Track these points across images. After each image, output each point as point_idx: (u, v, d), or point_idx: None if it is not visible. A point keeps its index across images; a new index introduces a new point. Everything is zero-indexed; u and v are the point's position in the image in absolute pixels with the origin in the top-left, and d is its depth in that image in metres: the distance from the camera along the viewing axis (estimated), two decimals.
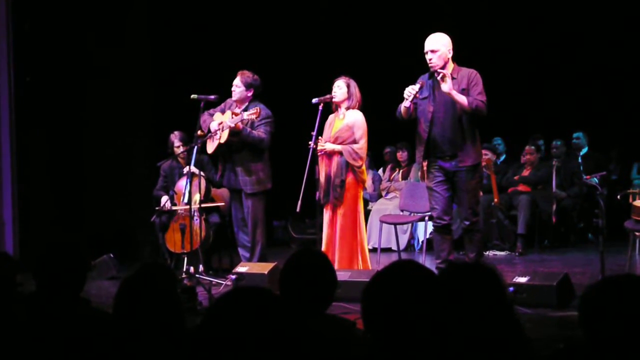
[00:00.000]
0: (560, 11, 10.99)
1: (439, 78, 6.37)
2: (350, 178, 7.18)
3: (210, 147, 7.66)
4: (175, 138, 8.50)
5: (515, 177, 10.18)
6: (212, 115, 7.67)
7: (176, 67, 10.14)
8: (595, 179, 10.27)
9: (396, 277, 2.27)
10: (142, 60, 9.85)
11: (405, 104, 6.48)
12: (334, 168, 7.16)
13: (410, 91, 6.43)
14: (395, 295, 2.22)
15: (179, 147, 8.43)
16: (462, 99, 6.36)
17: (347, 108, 7.23)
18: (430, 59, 6.49)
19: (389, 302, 2.21)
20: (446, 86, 6.33)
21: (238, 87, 7.60)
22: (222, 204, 8.40)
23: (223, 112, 7.64)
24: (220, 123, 7.47)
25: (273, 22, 11.14)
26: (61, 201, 9.33)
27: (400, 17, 11.13)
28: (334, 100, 7.22)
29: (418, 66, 6.71)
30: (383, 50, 11.20)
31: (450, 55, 6.54)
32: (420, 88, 6.50)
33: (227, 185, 7.80)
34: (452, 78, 6.46)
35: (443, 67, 6.50)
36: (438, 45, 6.50)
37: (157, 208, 8.19)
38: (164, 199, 8.27)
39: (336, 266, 7.02)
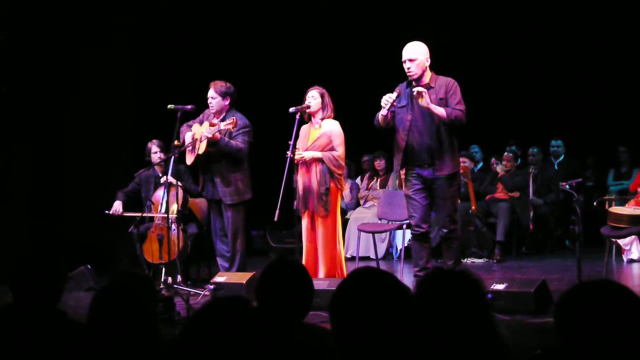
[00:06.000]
0: (536, 19, 11.06)
1: (415, 95, 6.37)
2: (332, 185, 7.18)
3: (189, 159, 7.62)
4: (153, 145, 8.45)
5: (498, 185, 10.20)
6: (190, 126, 7.63)
7: (156, 77, 10.11)
8: (567, 186, 10.34)
9: (357, 286, 2.30)
10: (123, 70, 9.80)
11: (383, 112, 6.47)
12: (317, 176, 7.14)
13: (387, 99, 6.41)
14: (358, 303, 2.24)
15: (156, 154, 8.39)
16: (441, 112, 6.36)
17: (322, 118, 7.23)
18: (408, 68, 6.49)
19: (353, 310, 2.24)
20: (424, 102, 6.31)
21: (214, 98, 7.54)
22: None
23: (201, 123, 7.60)
24: (193, 135, 7.45)
25: (250, 32, 11.14)
26: (38, 211, 9.26)
27: (375, 27, 11.15)
28: (308, 110, 7.22)
29: (395, 75, 6.72)
30: (360, 59, 11.21)
31: (428, 64, 6.56)
32: (398, 96, 6.49)
33: (207, 195, 7.77)
34: (430, 87, 6.47)
35: (421, 76, 6.51)
36: (416, 54, 6.50)
37: (106, 212, 8.24)
38: (116, 204, 8.30)
39: (321, 275, 7.02)
